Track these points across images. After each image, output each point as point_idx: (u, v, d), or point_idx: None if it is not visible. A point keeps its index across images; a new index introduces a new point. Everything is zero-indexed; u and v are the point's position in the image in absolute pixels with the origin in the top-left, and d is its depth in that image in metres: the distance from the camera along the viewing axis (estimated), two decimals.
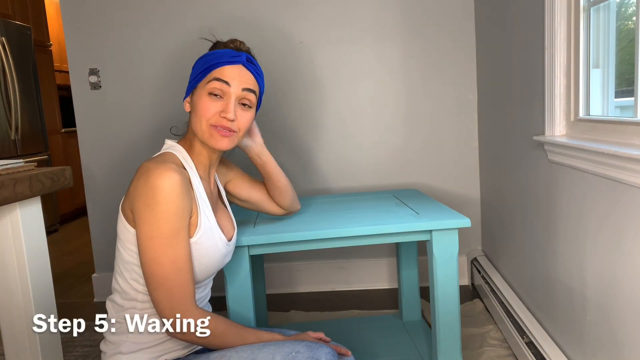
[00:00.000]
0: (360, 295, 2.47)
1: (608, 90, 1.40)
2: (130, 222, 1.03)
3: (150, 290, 0.99)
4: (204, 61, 1.15)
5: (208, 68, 1.12)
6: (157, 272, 0.98)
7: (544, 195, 1.61)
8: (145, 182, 0.99)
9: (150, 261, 0.98)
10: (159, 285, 0.98)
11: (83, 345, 2.03)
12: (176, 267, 0.99)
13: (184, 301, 0.99)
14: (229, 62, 1.12)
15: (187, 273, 1.00)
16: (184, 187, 1.01)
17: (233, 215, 1.30)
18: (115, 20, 2.44)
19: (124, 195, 1.07)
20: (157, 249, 0.97)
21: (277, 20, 2.42)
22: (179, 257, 0.99)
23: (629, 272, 1.12)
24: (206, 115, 1.10)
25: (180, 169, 1.04)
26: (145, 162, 1.06)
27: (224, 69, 1.12)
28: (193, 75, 1.16)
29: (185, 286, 1.00)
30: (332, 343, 1.15)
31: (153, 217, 0.97)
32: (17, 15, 4.22)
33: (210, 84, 1.11)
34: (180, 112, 1.21)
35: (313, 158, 2.49)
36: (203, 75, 1.13)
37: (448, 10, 2.39)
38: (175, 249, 0.99)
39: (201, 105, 1.10)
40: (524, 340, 1.65)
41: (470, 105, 2.45)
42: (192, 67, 1.18)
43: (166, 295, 0.98)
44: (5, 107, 3.81)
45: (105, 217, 2.55)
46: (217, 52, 1.15)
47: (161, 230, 0.97)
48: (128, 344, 1.04)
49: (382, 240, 1.47)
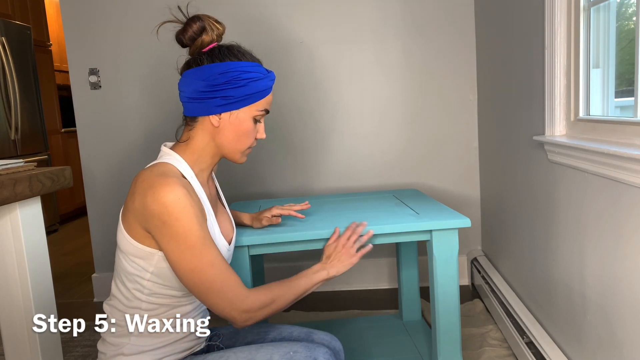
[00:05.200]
0: (360, 295, 2.47)
1: (608, 90, 1.40)
2: (138, 237, 1.01)
3: (202, 298, 1.01)
4: (253, 85, 1.09)
5: (260, 94, 1.10)
6: (202, 280, 0.99)
7: (544, 195, 1.61)
8: (152, 200, 0.97)
9: (190, 273, 0.99)
10: (209, 291, 1.00)
11: (83, 345, 2.03)
12: (217, 268, 1.00)
13: (238, 292, 1.02)
14: (271, 88, 1.14)
15: (227, 268, 1.02)
16: (193, 197, 1.01)
17: (232, 217, 1.30)
18: (115, 20, 2.44)
19: (124, 207, 1.05)
20: (193, 260, 0.98)
21: (277, 20, 2.42)
22: (214, 258, 1.00)
23: (629, 271, 1.12)
24: (249, 141, 1.13)
25: (182, 180, 1.02)
26: (143, 174, 1.02)
27: (270, 97, 1.14)
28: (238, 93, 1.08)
29: (231, 281, 1.02)
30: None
31: (177, 233, 0.97)
32: (17, 15, 4.22)
33: (259, 113, 1.12)
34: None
35: (313, 158, 2.49)
36: (254, 99, 1.10)
37: (448, 10, 2.39)
38: (208, 254, 0.99)
39: (246, 130, 1.11)
40: (524, 340, 1.65)
41: (470, 105, 2.45)
42: (223, 75, 1.07)
43: (220, 296, 1.00)
44: (5, 107, 3.81)
45: (105, 217, 2.55)
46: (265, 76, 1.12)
47: (190, 243, 0.98)
48: (130, 346, 1.04)
49: (382, 240, 1.47)
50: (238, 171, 2.43)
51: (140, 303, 1.04)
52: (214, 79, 1.07)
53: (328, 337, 1.19)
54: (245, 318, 1.02)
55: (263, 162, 2.50)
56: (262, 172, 2.50)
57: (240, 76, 1.08)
